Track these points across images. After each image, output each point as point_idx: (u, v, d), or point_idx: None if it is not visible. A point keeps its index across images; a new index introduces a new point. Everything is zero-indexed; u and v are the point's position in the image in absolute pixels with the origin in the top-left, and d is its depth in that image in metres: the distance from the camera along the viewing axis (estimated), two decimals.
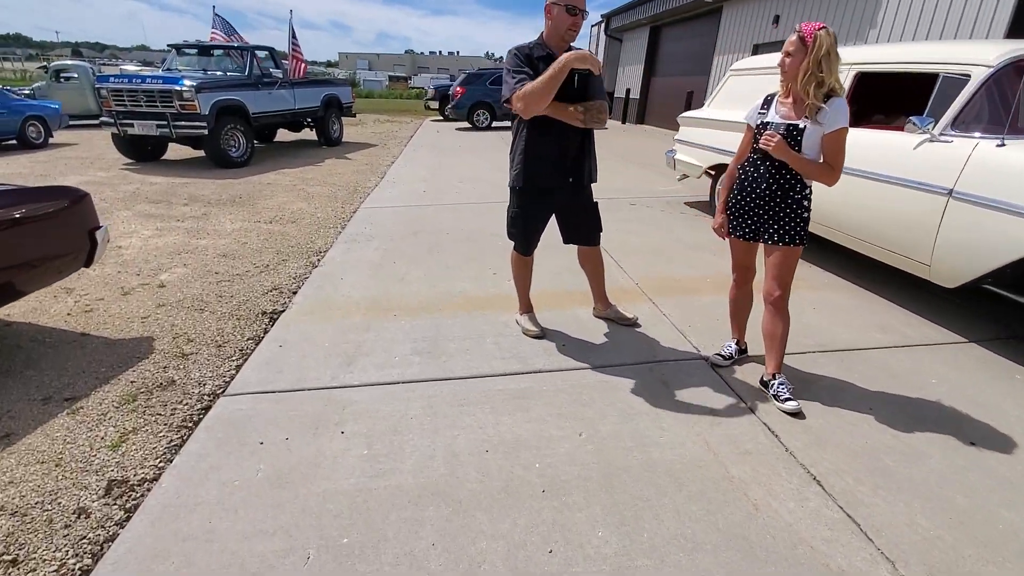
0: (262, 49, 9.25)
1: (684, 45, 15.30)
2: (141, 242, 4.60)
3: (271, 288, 3.66)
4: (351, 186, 7.10)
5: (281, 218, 5.45)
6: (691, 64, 14.67)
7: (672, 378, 2.46)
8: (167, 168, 8.18)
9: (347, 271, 3.86)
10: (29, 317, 3.15)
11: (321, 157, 9.59)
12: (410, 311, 3.19)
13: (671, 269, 3.90)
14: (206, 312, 3.28)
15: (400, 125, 16.18)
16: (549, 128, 2.41)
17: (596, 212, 2.74)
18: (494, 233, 4.74)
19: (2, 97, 9.23)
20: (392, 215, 5.48)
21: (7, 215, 2.41)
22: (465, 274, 3.79)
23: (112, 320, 3.15)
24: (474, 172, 7.92)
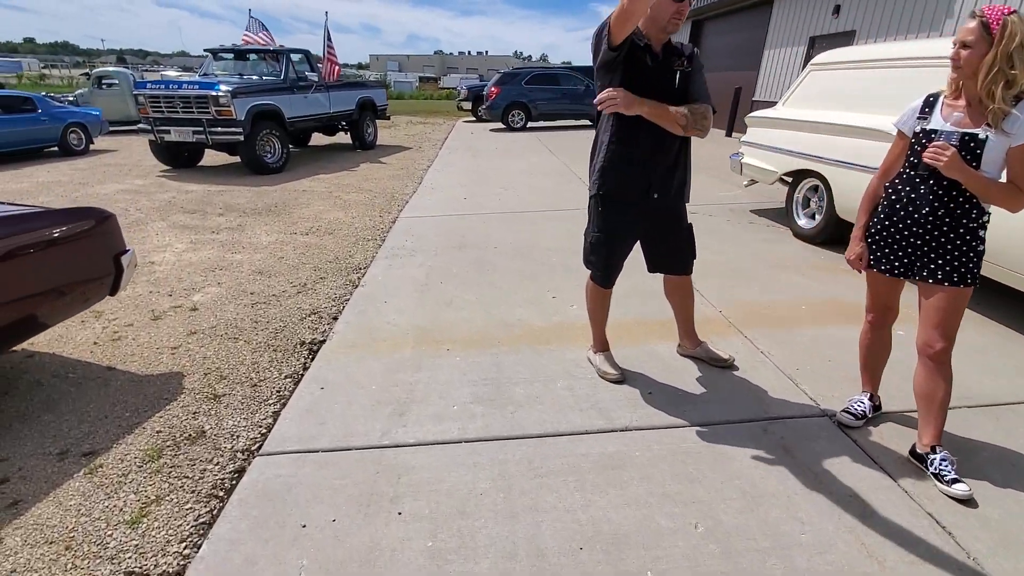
0: (297, 52, 9.07)
1: (730, 39, 14.57)
2: (175, 257, 4.37)
3: (310, 312, 3.34)
4: (388, 193, 6.80)
5: (318, 229, 5.17)
6: (738, 59, 13.94)
7: (794, 442, 2.01)
8: (203, 175, 8.05)
9: (390, 292, 3.52)
10: (54, 346, 2.90)
11: (356, 161, 9.36)
12: (464, 344, 2.81)
13: (756, 293, 3.42)
14: (240, 341, 2.98)
15: (433, 127, 15.93)
16: (640, 131, 2.00)
17: (690, 236, 2.31)
18: (548, 248, 4.34)
19: (44, 104, 9.29)
20: (433, 226, 5.13)
21: (26, 241, 2.14)
22: (521, 297, 3.40)
23: (140, 351, 2.87)
24: (515, 177, 7.53)
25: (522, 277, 3.73)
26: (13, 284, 2.08)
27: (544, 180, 7.23)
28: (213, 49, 9.16)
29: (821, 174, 4.09)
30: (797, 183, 4.48)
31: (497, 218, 5.34)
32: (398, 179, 7.75)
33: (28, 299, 2.16)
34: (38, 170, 8.24)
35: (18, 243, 2.10)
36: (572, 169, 8.03)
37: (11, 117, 8.64)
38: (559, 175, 7.56)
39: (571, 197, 6.17)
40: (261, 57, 9.09)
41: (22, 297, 2.13)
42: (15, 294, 2.09)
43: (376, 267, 4.04)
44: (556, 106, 14.15)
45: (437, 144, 11.73)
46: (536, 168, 8.22)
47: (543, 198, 6.15)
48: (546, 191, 6.53)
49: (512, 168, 8.26)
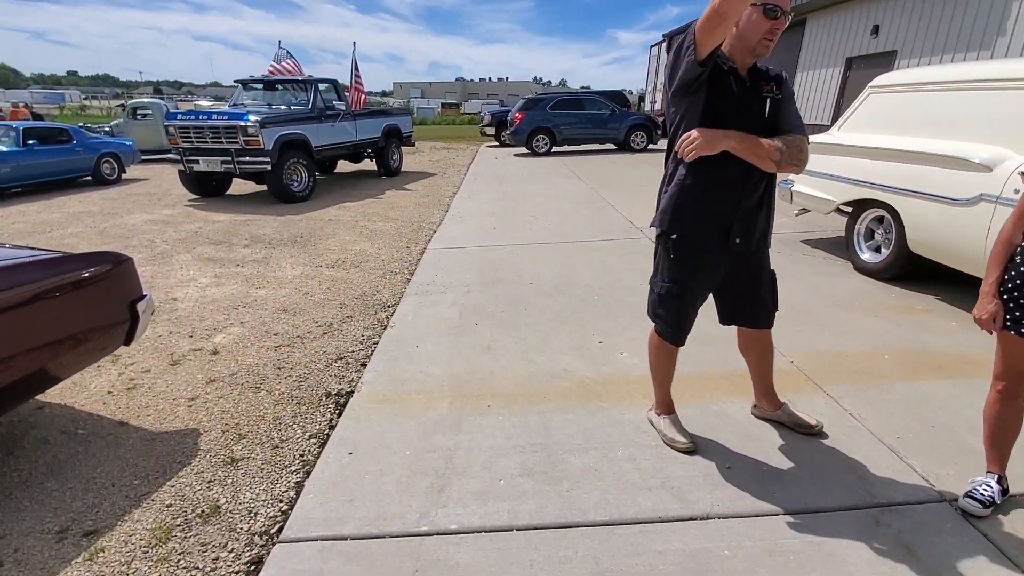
0: (325, 82, 9.10)
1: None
2: (198, 293, 4.21)
3: (336, 357, 3.10)
4: (415, 222, 6.63)
5: (344, 261, 4.98)
6: None
7: (915, 537, 1.66)
8: (230, 204, 8.02)
9: (422, 335, 3.26)
10: (67, 395, 2.70)
11: (381, 189, 9.28)
12: (507, 399, 2.52)
13: (829, 339, 3.07)
14: (262, 391, 2.74)
15: (457, 152, 15.93)
16: (722, 166, 1.72)
17: (773, 284, 2.00)
18: (586, 284, 4.05)
19: (79, 135, 9.47)
20: (463, 258, 4.90)
21: (34, 291, 1.94)
22: (564, 343, 3.10)
23: (156, 401, 2.65)
24: (544, 204, 7.31)
25: (563, 318, 3.44)
26: (16, 338, 1.88)
27: (574, 208, 6.99)
28: (243, 80, 9.26)
29: (889, 204, 3.74)
30: (858, 213, 4.13)
31: (529, 250, 5.09)
32: (424, 207, 7.60)
33: (31, 354, 1.95)
34: (70, 200, 8.33)
35: (24, 293, 1.91)
36: (602, 196, 7.78)
37: (47, 148, 8.80)
38: (589, 202, 7.32)
39: (604, 226, 5.90)
40: (290, 87, 9.15)
41: (24, 351, 1.93)
42: (17, 348, 1.89)
43: (405, 305, 3.80)
44: (581, 131, 14.03)
45: (462, 170, 11.64)
46: (565, 195, 7.99)
47: (575, 227, 5.90)
48: (578, 220, 6.28)
49: (540, 195, 8.05)
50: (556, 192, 8.28)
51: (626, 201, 7.29)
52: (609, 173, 10.36)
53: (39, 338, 1.98)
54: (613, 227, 5.84)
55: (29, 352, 1.95)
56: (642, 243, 5.17)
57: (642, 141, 14.26)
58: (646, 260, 4.76)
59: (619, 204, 7.09)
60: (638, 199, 7.42)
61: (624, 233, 5.59)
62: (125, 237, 5.98)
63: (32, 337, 1.96)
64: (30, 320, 1.96)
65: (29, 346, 1.95)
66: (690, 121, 1.75)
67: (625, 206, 6.95)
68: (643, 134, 14.21)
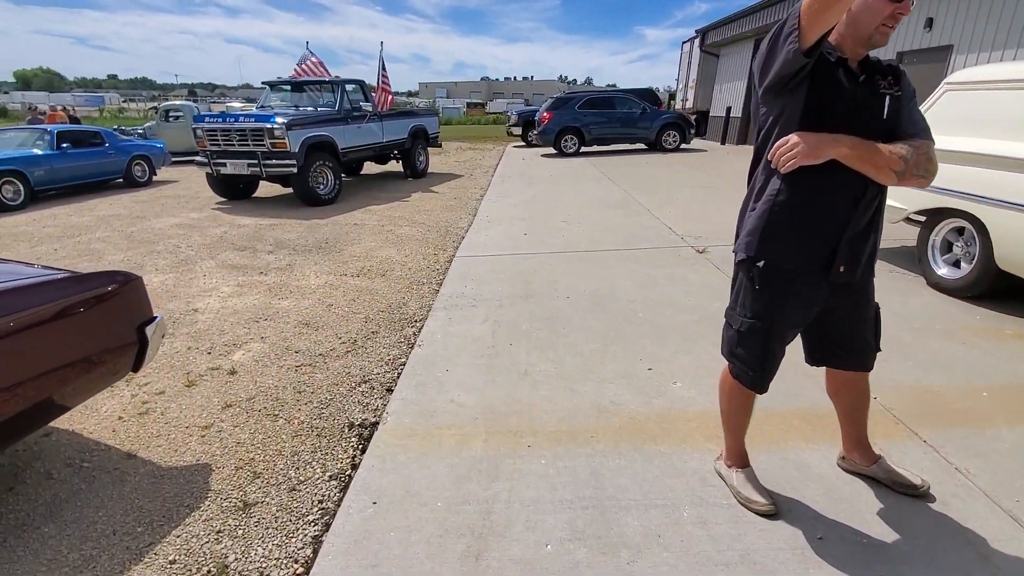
0: (352, 83, 8.96)
1: None
2: (219, 303, 4.04)
3: (360, 380, 2.87)
4: (442, 226, 6.40)
5: (369, 270, 4.77)
6: None
7: None
8: (256, 207, 7.94)
9: (452, 357, 3.01)
10: (76, 421, 2.52)
11: (407, 191, 9.10)
12: (549, 438, 2.24)
13: (915, 371, 2.69)
14: (280, 420, 2.52)
15: (483, 153, 15.71)
16: (828, 178, 1.41)
17: (877, 320, 1.68)
18: (628, 299, 3.74)
19: (111, 138, 9.54)
20: (493, 267, 4.64)
21: (33, 318, 1.75)
22: (609, 368, 2.81)
23: (168, 430, 2.46)
24: (576, 209, 7.00)
25: (605, 339, 3.14)
26: (10, 369, 1.69)
27: (608, 212, 6.66)
28: (271, 81, 9.19)
29: (972, 214, 3.33)
30: (933, 224, 3.72)
31: (563, 259, 4.79)
32: (451, 210, 7.37)
33: (26, 386, 1.75)
34: (101, 203, 8.37)
35: (21, 320, 1.72)
36: (637, 199, 7.43)
37: (80, 151, 8.87)
38: (624, 207, 6.98)
39: (642, 233, 5.56)
40: (317, 88, 9.04)
41: (19, 383, 1.73)
42: (11, 380, 1.69)
43: (434, 320, 3.55)
44: (610, 130, 13.64)
45: (489, 171, 11.40)
46: (597, 198, 7.66)
47: (611, 234, 5.57)
48: (613, 226, 5.95)
49: (571, 198, 7.73)
50: (587, 195, 7.95)
51: (663, 205, 6.93)
52: (641, 175, 9.97)
53: (37, 368, 1.79)
54: (651, 234, 5.50)
55: (24, 384, 1.75)
56: (684, 253, 4.82)
57: (674, 140, 13.80)
58: (691, 272, 4.52)
59: (655, 209, 6.73)
60: (675, 203, 7.05)
61: (663, 241, 5.24)
62: (151, 242, 5.90)
63: (29, 367, 1.76)
64: (27, 348, 1.76)
65: (25, 377, 1.75)
66: (787, 123, 1.44)
67: (662, 211, 6.59)
68: (675, 133, 13.75)
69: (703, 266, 4.42)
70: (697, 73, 19.17)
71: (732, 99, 16.65)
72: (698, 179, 9.20)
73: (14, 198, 7.71)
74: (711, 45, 18.09)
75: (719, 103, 17.74)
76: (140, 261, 5.16)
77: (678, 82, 22.34)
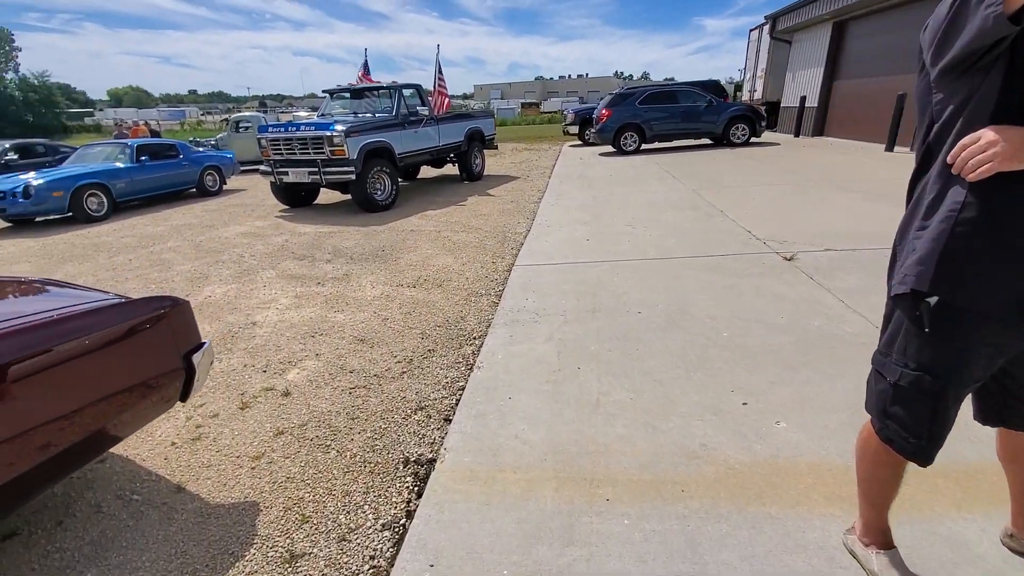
0: (409, 87, 8.92)
1: (885, 40, 12.50)
2: (277, 316, 3.98)
3: (416, 406, 2.66)
4: (499, 232, 6.17)
5: (425, 280, 4.60)
6: (897, 61, 11.88)
7: None
8: (316, 215, 8.03)
9: (515, 382, 2.74)
10: (130, 446, 2.45)
11: (463, 195, 8.95)
12: (630, 488, 1.92)
13: None
14: (332, 451, 2.34)
15: (539, 153, 15.42)
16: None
17: None
18: (708, 315, 3.34)
19: (185, 150, 10.00)
20: (555, 277, 4.34)
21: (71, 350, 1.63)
22: (694, 399, 2.44)
23: (219, 459, 2.33)
24: (640, 211, 6.57)
25: (687, 363, 2.77)
26: (46, 409, 1.57)
27: (676, 214, 6.19)
28: (330, 90, 9.31)
29: None
30: None
31: (630, 268, 4.42)
32: (509, 214, 7.13)
33: (64, 425, 1.63)
34: (175, 212, 8.75)
35: (60, 354, 1.60)
36: (707, 199, 6.89)
37: (157, 163, 9.33)
38: (693, 208, 6.47)
39: (717, 238, 5.08)
40: (375, 94, 9.07)
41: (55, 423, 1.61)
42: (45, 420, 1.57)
43: (494, 338, 3.30)
44: (673, 126, 12.98)
45: (545, 172, 11.10)
46: (663, 199, 7.18)
47: (682, 239, 5.13)
48: (683, 229, 5.50)
49: (635, 199, 7.30)
50: (652, 196, 7.48)
51: (737, 206, 6.37)
52: (710, 172, 9.35)
53: (77, 401, 1.66)
54: (728, 239, 5.02)
55: (64, 418, 1.63)
56: (769, 260, 4.33)
57: (743, 134, 12.96)
58: (780, 283, 3.87)
59: (730, 209, 6.19)
60: (751, 203, 6.47)
61: (743, 246, 4.75)
62: (217, 251, 6.02)
63: (70, 400, 1.64)
64: (68, 380, 1.65)
65: (66, 410, 1.64)
66: (975, 115, 1.06)
67: (737, 212, 6.05)
68: (745, 126, 12.91)
69: (793, 276, 3.93)
70: (767, 62, 18.02)
71: (807, 87, 15.48)
72: (774, 175, 8.49)
73: (98, 209, 8.18)
74: (782, 31, 16.92)
75: (792, 92, 16.57)
76: (205, 271, 5.24)
77: (745, 72, 21.15)
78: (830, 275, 3.88)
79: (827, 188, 7.18)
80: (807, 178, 8.03)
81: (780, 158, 10.65)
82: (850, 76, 14.00)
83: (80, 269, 5.57)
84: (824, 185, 7.39)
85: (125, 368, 1.82)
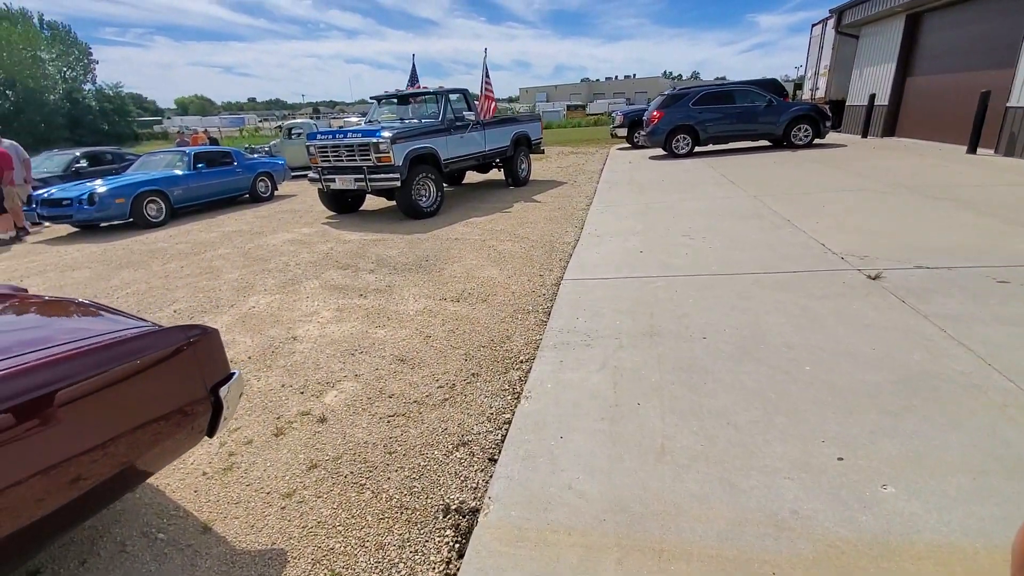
0: (456, 92, 8.80)
1: (965, 32, 11.46)
2: (318, 330, 3.86)
3: (458, 441, 2.43)
4: (546, 241, 5.91)
5: (469, 294, 4.39)
6: (980, 56, 10.86)
7: None
8: (362, 221, 8.01)
9: (566, 418, 2.47)
10: (162, 475, 2.33)
11: (509, 201, 8.74)
12: (709, 566, 1.62)
13: None
14: (367, 491, 2.15)
15: (586, 157, 15.06)
16: None
17: None
18: (786, 343, 2.96)
19: (239, 157, 10.25)
20: (607, 293, 4.03)
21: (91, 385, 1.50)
22: (777, 450, 2.10)
23: (248, 495, 2.18)
24: (697, 218, 6.15)
25: (765, 403, 2.42)
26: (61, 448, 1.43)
27: (738, 224, 5.74)
28: (378, 96, 9.32)
29: None
30: None
31: (690, 284, 4.06)
32: (556, 222, 6.87)
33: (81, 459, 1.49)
34: (228, 219, 8.96)
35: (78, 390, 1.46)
36: (771, 207, 6.40)
37: (213, 170, 9.59)
38: (756, 216, 6.00)
39: (787, 252, 4.63)
40: (421, 99, 9.01)
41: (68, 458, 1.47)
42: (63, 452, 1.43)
43: (542, 363, 3.04)
44: (729, 127, 12.34)
45: (593, 177, 10.76)
46: (721, 206, 6.73)
47: (746, 252, 4.71)
48: (747, 241, 5.06)
49: (691, 207, 6.87)
50: (709, 203, 7.03)
51: (806, 215, 5.86)
52: (771, 176, 8.76)
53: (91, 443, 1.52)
54: (799, 253, 4.57)
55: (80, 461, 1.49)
56: (849, 278, 3.87)
57: (806, 135, 12.18)
58: (866, 306, 3.37)
59: (798, 219, 5.69)
60: (821, 211, 5.94)
61: (817, 261, 4.30)
62: (264, 259, 6.04)
63: (83, 442, 1.50)
64: (88, 416, 1.51)
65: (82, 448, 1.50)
66: None
67: (806, 221, 5.55)
68: (808, 127, 12.12)
69: (881, 298, 3.48)
70: (831, 58, 16.98)
71: (876, 85, 14.44)
72: (844, 180, 7.85)
73: (157, 215, 8.46)
74: (849, 25, 15.87)
75: (859, 90, 15.51)
76: (251, 280, 5.23)
77: (806, 69, 20.05)
78: (925, 298, 3.41)
79: (908, 195, 6.53)
80: (883, 183, 7.36)
81: (849, 161, 9.90)
82: (925, 72, 12.94)
83: (135, 276, 5.69)
84: (904, 191, 6.74)
85: (148, 403, 1.68)
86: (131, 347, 1.66)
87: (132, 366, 1.62)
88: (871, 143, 13.08)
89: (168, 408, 1.73)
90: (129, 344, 1.66)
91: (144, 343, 1.70)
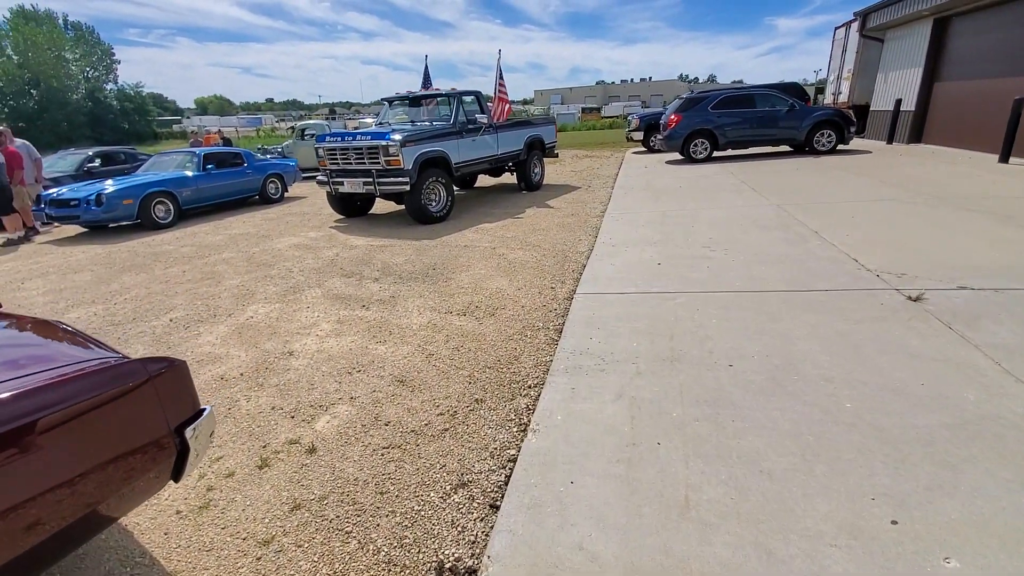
0: (468, 94, 8.59)
1: (996, 37, 10.99)
2: (316, 345, 3.66)
3: (457, 482, 2.20)
4: (559, 251, 5.66)
5: (477, 307, 4.16)
6: (1013, 62, 10.39)
7: None
8: (370, 226, 7.83)
9: (577, 460, 2.22)
10: (133, 511, 2.12)
11: (521, 206, 8.51)
12: None
13: None
14: (352, 541, 1.92)
15: (600, 161, 14.78)
16: None
17: None
18: (821, 375, 2.68)
19: (250, 159, 10.15)
20: (623, 310, 3.77)
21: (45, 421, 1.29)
22: (821, 509, 1.83)
23: (222, 540, 1.96)
24: (718, 228, 5.86)
25: (802, 448, 2.15)
26: None
27: (762, 235, 5.43)
28: (389, 98, 9.15)
29: None
30: None
31: (713, 301, 3.79)
32: (569, 229, 6.61)
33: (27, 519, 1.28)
34: (235, 221, 8.83)
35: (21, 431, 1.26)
36: (795, 216, 6.08)
37: (222, 172, 9.49)
38: (782, 227, 5.69)
39: (816, 268, 4.33)
40: (434, 101, 8.82)
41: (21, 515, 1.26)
42: None
43: (552, 390, 2.79)
44: (749, 131, 11.99)
45: (608, 182, 10.48)
46: (743, 215, 6.42)
47: (773, 267, 4.42)
48: (773, 255, 4.77)
49: (711, 216, 6.57)
50: (730, 211, 6.73)
51: (834, 226, 5.54)
52: (794, 184, 8.42)
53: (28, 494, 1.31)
54: (830, 269, 4.26)
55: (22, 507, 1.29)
56: (888, 299, 3.57)
57: (829, 141, 11.79)
58: (909, 332, 3.04)
59: (826, 230, 5.37)
60: (851, 222, 5.61)
61: (850, 279, 4.00)
62: (268, 264, 5.87)
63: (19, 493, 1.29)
64: (29, 465, 1.30)
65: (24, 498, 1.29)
66: None
67: (836, 234, 5.23)
68: (831, 132, 11.73)
69: (924, 323, 3.17)
70: (855, 62, 16.50)
71: (902, 90, 13.96)
72: (872, 189, 7.49)
73: (165, 217, 8.36)
74: (874, 28, 15.39)
75: (884, 95, 15.03)
76: (253, 287, 5.05)
77: (828, 73, 19.56)
78: (973, 324, 3.11)
79: (942, 206, 6.17)
80: (914, 193, 7.00)
81: (876, 168, 9.51)
82: (954, 77, 12.46)
83: (136, 280, 5.55)
84: (937, 202, 6.37)
85: (100, 446, 1.47)
86: (81, 385, 1.45)
87: (81, 406, 1.41)
88: (897, 149, 12.63)
89: (123, 451, 1.52)
90: (79, 382, 1.45)
91: (97, 379, 1.49)
